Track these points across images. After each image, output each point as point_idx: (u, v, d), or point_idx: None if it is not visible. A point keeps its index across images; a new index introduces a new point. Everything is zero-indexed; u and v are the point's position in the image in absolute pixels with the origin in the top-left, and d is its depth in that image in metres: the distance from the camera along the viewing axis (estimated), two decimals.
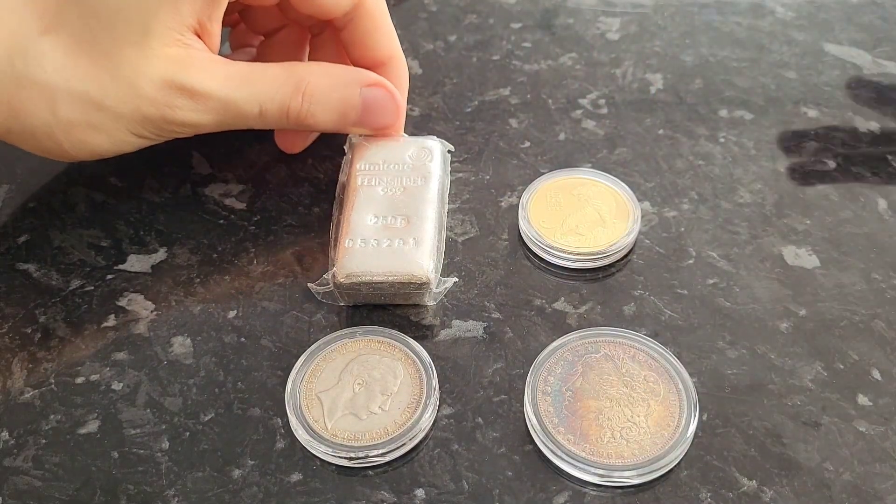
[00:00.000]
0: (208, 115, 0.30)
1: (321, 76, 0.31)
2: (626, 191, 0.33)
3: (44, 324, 0.30)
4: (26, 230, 0.33)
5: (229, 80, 0.30)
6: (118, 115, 0.29)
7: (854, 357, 0.29)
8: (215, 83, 0.30)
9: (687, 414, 0.26)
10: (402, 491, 0.26)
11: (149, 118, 0.29)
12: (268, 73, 0.31)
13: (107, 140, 0.30)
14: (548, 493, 0.26)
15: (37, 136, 0.29)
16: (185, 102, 0.29)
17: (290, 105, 0.31)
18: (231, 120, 0.31)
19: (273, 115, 0.31)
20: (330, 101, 0.31)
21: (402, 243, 0.30)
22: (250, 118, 0.31)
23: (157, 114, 0.29)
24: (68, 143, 0.30)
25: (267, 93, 0.30)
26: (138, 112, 0.29)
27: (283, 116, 0.31)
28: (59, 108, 0.29)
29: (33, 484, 0.26)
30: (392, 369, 0.28)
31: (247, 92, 0.30)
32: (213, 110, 0.30)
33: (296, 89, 0.31)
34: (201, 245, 0.33)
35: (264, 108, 0.30)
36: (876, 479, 0.26)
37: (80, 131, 0.29)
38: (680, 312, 0.30)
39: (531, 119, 0.37)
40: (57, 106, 0.29)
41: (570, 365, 0.28)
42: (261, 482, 0.26)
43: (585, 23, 0.42)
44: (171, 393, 0.28)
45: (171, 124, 0.30)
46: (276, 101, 0.30)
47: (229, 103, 0.30)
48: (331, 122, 0.32)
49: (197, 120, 0.30)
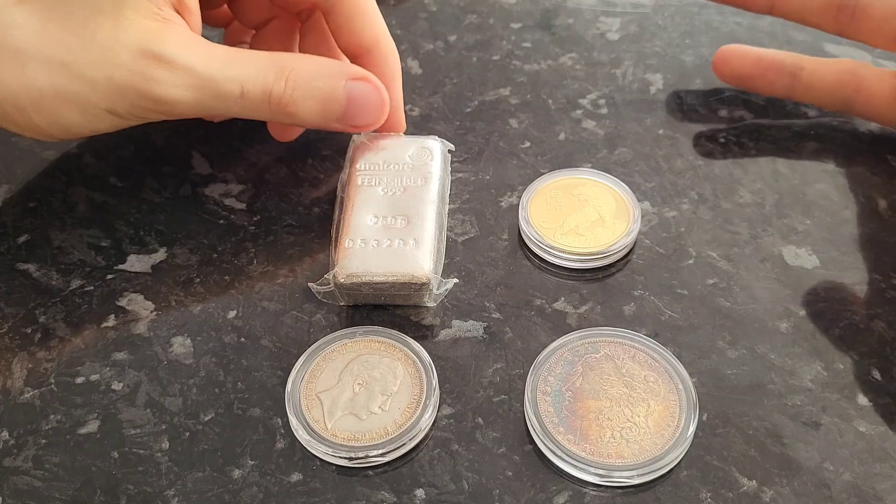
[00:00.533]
0: (186, 91, 0.28)
1: (306, 63, 0.31)
2: (626, 191, 0.33)
3: (44, 324, 0.30)
4: (26, 230, 0.33)
5: (211, 58, 0.29)
6: (90, 83, 0.28)
7: (854, 357, 0.29)
8: (196, 58, 0.28)
9: (687, 414, 0.26)
10: (402, 491, 0.26)
11: (122, 89, 0.28)
12: (251, 57, 0.30)
13: (78, 114, 0.29)
14: (548, 493, 0.26)
15: (4, 108, 0.28)
16: (162, 74, 0.28)
17: (273, 89, 0.30)
18: (210, 100, 0.29)
19: (255, 97, 0.30)
20: (313, 89, 0.30)
21: (402, 243, 0.30)
22: (231, 99, 0.29)
23: (132, 84, 0.28)
24: (38, 115, 0.28)
25: (250, 75, 0.29)
26: (111, 81, 0.28)
27: (264, 100, 0.30)
28: (28, 74, 0.28)
29: (33, 484, 0.26)
30: (392, 369, 0.28)
31: (229, 72, 0.29)
32: (191, 86, 0.29)
33: (279, 73, 0.30)
34: (201, 245, 0.33)
35: (246, 90, 0.29)
36: (876, 479, 0.26)
37: (51, 102, 0.28)
38: (680, 312, 0.30)
39: (531, 119, 0.37)
40: (26, 71, 0.27)
41: (570, 365, 0.28)
42: (261, 482, 0.26)
43: (585, 23, 0.42)
44: (171, 393, 0.28)
45: (145, 99, 0.28)
46: (259, 83, 0.29)
47: (209, 80, 0.29)
48: (313, 111, 0.31)
49: (173, 96, 0.28)
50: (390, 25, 0.35)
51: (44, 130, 0.29)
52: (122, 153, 0.36)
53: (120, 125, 0.30)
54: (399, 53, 0.35)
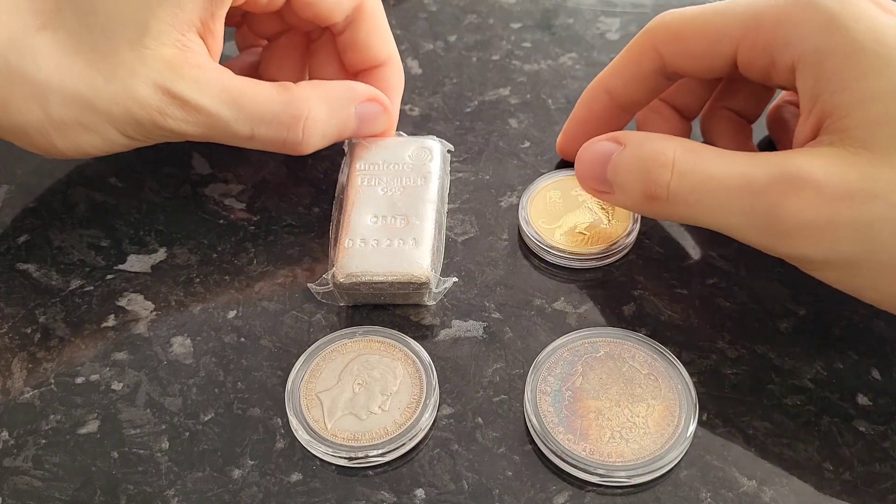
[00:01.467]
0: (197, 128, 0.30)
1: (320, 104, 0.31)
2: None
3: (44, 324, 0.30)
4: (26, 230, 0.33)
5: (223, 94, 0.29)
6: (110, 117, 0.29)
7: (854, 357, 0.29)
8: (208, 96, 0.29)
9: (687, 414, 0.26)
10: (402, 491, 0.26)
11: (139, 122, 0.29)
12: (263, 95, 0.30)
13: (99, 140, 0.30)
14: (548, 493, 0.26)
15: (29, 134, 0.29)
16: (175, 112, 0.29)
17: (288, 137, 0.31)
18: (220, 136, 0.30)
19: (265, 140, 0.31)
20: (328, 128, 0.32)
21: (401, 243, 0.30)
22: (240, 138, 0.31)
23: (148, 118, 0.29)
24: (61, 141, 0.29)
25: (261, 116, 0.30)
26: (129, 114, 0.29)
27: (277, 145, 0.31)
28: (51, 108, 0.28)
29: (33, 484, 0.26)
30: (392, 369, 0.28)
31: (239, 112, 0.30)
32: (202, 124, 0.30)
33: (294, 120, 0.30)
34: (201, 245, 0.33)
35: (256, 133, 0.30)
36: (876, 479, 0.26)
37: (73, 131, 0.29)
38: (680, 312, 0.30)
39: (531, 119, 0.37)
40: (49, 105, 0.28)
41: (570, 365, 0.28)
42: (261, 482, 0.26)
43: (585, 23, 0.42)
44: (171, 393, 0.28)
45: (160, 130, 0.29)
46: (273, 127, 0.30)
47: (220, 121, 0.30)
48: (326, 142, 0.32)
49: (185, 131, 0.30)
50: (390, 25, 0.35)
51: (65, 153, 0.30)
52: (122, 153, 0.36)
53: (136, 146, 0.31)
54: (399, 53, 0.35)
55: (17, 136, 0.30)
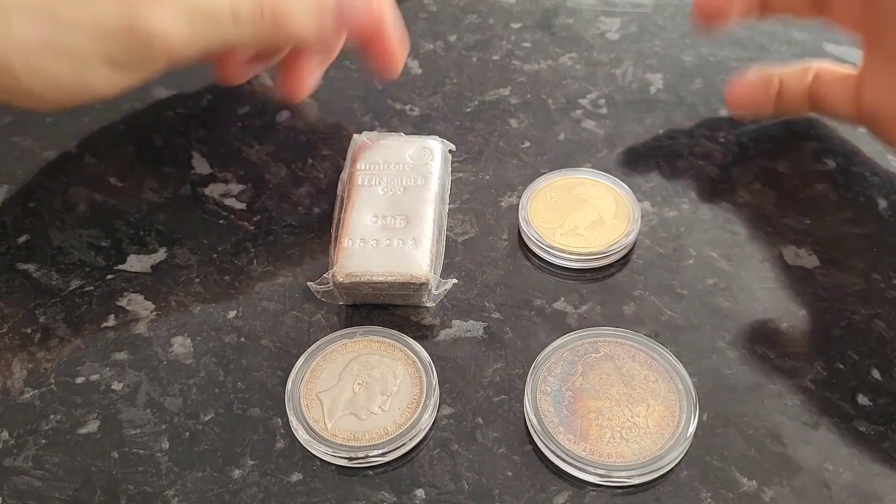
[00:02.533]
0: (177, 19, 0.28)
1: None
2: (626, 191, 0.33)
3: (44, 324, 0.30)
4: (26, 230, 0.33)
5: None
6: (77, 29, 0.27)
7: (854, 357, 0.29)
8: None
9: (687, 414, 0.26)
10: (402, 491, 0.26)
11: (112, 30, 0.27)
12: None
13: (70, 68, 0.28)
14: (548, 493, 0.26)
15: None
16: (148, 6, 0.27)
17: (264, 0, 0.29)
18: (204, 28, 0.29)
19: (247, 15, 0.29)
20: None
21: (401, 243, 0.30)
22: (224, 23, 0.29)
23: (120, 22, 0.27)
24: (28, 75, 0.27)
25: None
26: (98, 22, 0.27)
27: (257, 16, 0.29)
28: (13, 29, 0.26)
29: (33, 484, 0.26)
30: (392, 369, 0.28)
31: None
32: (180, 13, 0.28)
33: None
34: (201, 245, 0.33)
35: (236, 7, 0.29)
36: (876, 479, 0.26)
37: (39, 57, 0.27)
38: (680, 312, 0.30)
39: (531, 119, 0.37)
40: (11, 25, 0.26)
41: (570, 365, 0.28)
42: (261, 482, 0.26)
43: (585, 23, 0.42)
44: (171, 393, 0.28)
45: (137, 36, 0.27)
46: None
47: (198, 4, 0.28)
48: (308, 18, 0.30)
49: (165, 28, 0.28)
50: None
51: (36, 94, 0.28)
52: (122, 153, 0.36)
53: (118, 83, 0.29)
54: None
55: None
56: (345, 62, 0.39)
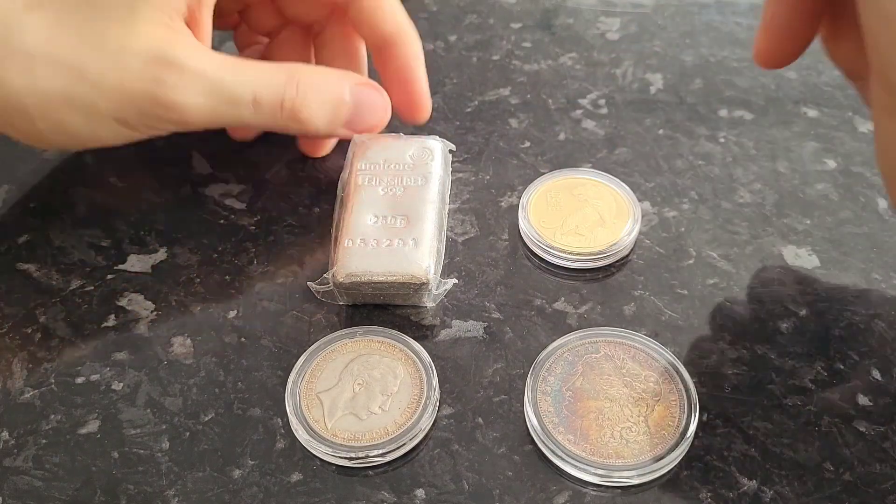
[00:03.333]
0: (198, 96, 0.28)
1: (313, 71, 0.32)
2: (626, 191, 0.33)
3: (44, 324, 0.30)
4: (26, 230, 0.33)
5: (223, 65, 0.29)
6: (99, 89, 0.28)
7: (854, 357, 0.29)
8: (207, 64, 0.29)
9: (687, 414, 0.26)
10: (403, 491, 0.26)
11: (133, 95, 0.28)
12: (261, 64, 0.31)
13: (83, 121, 0.28)
14: (548, 493, 0.26)
15: (8, 111, 0.28)
16: (174, 79, 0.28)
17: (285, 94, 0.30)
18: (223, 107, 0.29)
19: (267, 104, 0.30)
20: (322, 93, 0.31)
21: (401, 243, 0.30)
22: (243, 106, 0.30)
23: (143, 90, 0.28)
24: (42, 120, 0.28)
25: (261, 81, 0.30)
26: (122, 87, 0.28)
27: (276, 107, 0.30)
28: (36, 77, 0.27)
29: (33, 484, 0.26)
30: (392, 369, 0.28)
31: (241, 77, 0.29)
32: (203, 91, 0.29)
33: (290, 79, 0.30)
34: (201, 245, 0.33)
35: (258, 96, 0.30)
36: (876, 479, 0.26)
37: (57, 106, 0.28)
38: (680, 312, 0.30)
39: (531, 119, 0.37)
40: (35, 74, 0.27)
41: (570, 365, 0.28)
42: (261, 482, 0.26)
43: (585, 23, 0.42)
44: (171, 393, 0.28)
45: (157, 105, 0.28)
46: (271, 89, 0.30)
47: (222, 86, 0.29)
48: (323, 116, 0.31)
49: (186, 101, 0.28)
50: None
51: (46, 138, 0.29)
52: (122, 153, 0.36)
53: (125, 137, 0.30)
54: None
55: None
56: None
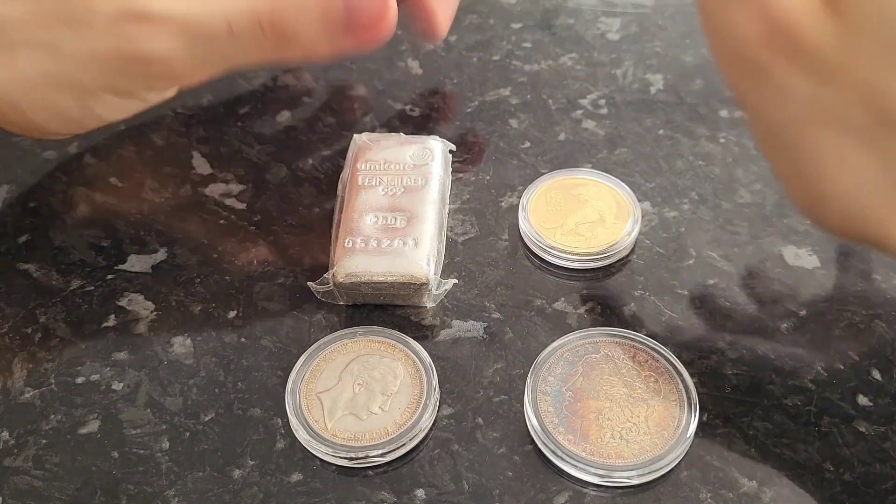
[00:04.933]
0: (172, 41, 0.27)
1: None
2: (626, 191, 0.33)
3: (44, 324, 0.30)
4: (26, 230, 0.33)
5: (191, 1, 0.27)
6: (75, 60, 0.26)
7: (854, 357, 0.29)
8: (174, 4, 0.27)
9: (687, 414, 0.26)
10: (403, 491, 0.26)
11: (108, 59, 0.27)
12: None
13: (72, 100, 0.28)
14: (548, 494, 0.26)
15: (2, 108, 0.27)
16: (143, 30, 0.26)
17: (260, 11, 0.27)
18: (201, 46, 0.27)
19: (245, 29, 0.27)
20: None
21: (401, 244, 0.30)
22: (221, 38, 0.27)
23: (115, 50, 0.26)
24: (33, 110, 0.28)
25: (231, 4, 0.27)
26: (95, 52, 0.26)
27: (256, 30, 0.27)
28: (17, 65, 0.27)
29: (33, 484, 0.26)
30: (392, 369, 0.28)
31: (210, 7, 0.27)
32: (176, 34, 0.27)
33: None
34: (201, 245, 0.33)
35: (233, 22, 0.27)
36: (876, 479, 0.26)
37: (42, 92, 0.27)
38: (680, 312, 0.30)
39: (531, 119, 0.37)
40: (16, 63, 0.27)
41: (570, 365, 0.28)
42: (261, 482, 0.26)
43: (586, 23, 0.42)
44: (171, 393, 0.28)
45: (134, 62, 0.27)
46: (244, 12, 0.27)
47: (192, 22, 0.27)
48: (313, 22, 0.28)
49: (161, 50, 0.27)
50: None
51: (44, 127, 0.29)
52: (122, 153, 0.36)
53: (126, 109, 0.29)
54: (399, 54, 0.35)
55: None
56: (345, 62, 0.39)
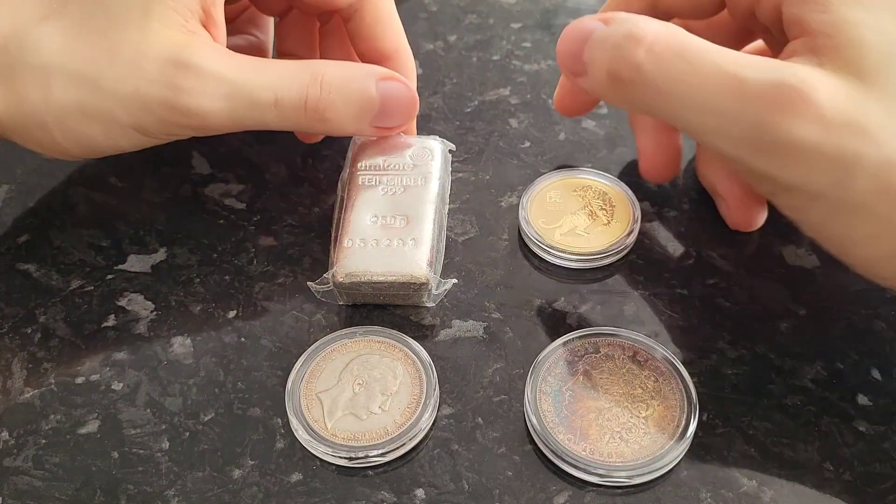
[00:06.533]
0: (217, 100, 0.27)
1: (336, 68, 0.30)
2: (626, 191, 0.33)
3: (44, 324, 0.30)
4: (26, 230, 0.33)
5: (241, 66, 0.28)
6: (115, 98, 0.27)
7: (854, 357, 0.29)
8: (226, 66, 0.27)
9: (687, 414, 0.26)
10: (402, 491, 0.26)
11: (150, 103, 0.27)
12: (282, 64, 0.29)
13: (101, 131, 0.28)
14: (548, 493, 0.26)
15: (27, 125, 0.28)
16: (192, 83, 0.27)
17: (309, 93, 0.28)
18: (244, 110, 0.28)
19: (290, 105, 0.28)
20: (348, 91, 0.29)
21: (401, 243, 0.30)
22: (265, 108, 0.28)
23: (160, 96, 0.27)
24: (60, 132, 0.28)
25: (283, 81, 0.28)
26: (137, 94, 0.27)
27: (300, 107, 0.29)
28: (52, 90, 0.27)
29: (33, 484, 0.26)
30: (392, 369, 0.28)
31: (261, 79, 0.28)
32: (223, 95, 0.27)
33: (313, 78, 0.29)
34: (201, 245, 0.33)
35: (280, 97, 0.28)
36: (876, 479, 0.26)
37: (74, 118, 0.28)
38: (680, 312, 0.30)
39: (531, 119, 0.37)
40: (50, 87, 0.27)
41: (570, 365, 0.28)
42: (261, 482, 0.26)
43: None
44: (171, 393, 0.28)
45: (174, 112, 0.27)
46: (294, 89, 0.28)
47: (241, 88, 0.28)
48: (351, 114, 0.30)
49: (205, 106, 0.27)
50: None
51: (64, 148, 0.29)
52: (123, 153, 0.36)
53: (144, 143, 0.29)
54: None
55: (16, 132, 0.29)
56: None
